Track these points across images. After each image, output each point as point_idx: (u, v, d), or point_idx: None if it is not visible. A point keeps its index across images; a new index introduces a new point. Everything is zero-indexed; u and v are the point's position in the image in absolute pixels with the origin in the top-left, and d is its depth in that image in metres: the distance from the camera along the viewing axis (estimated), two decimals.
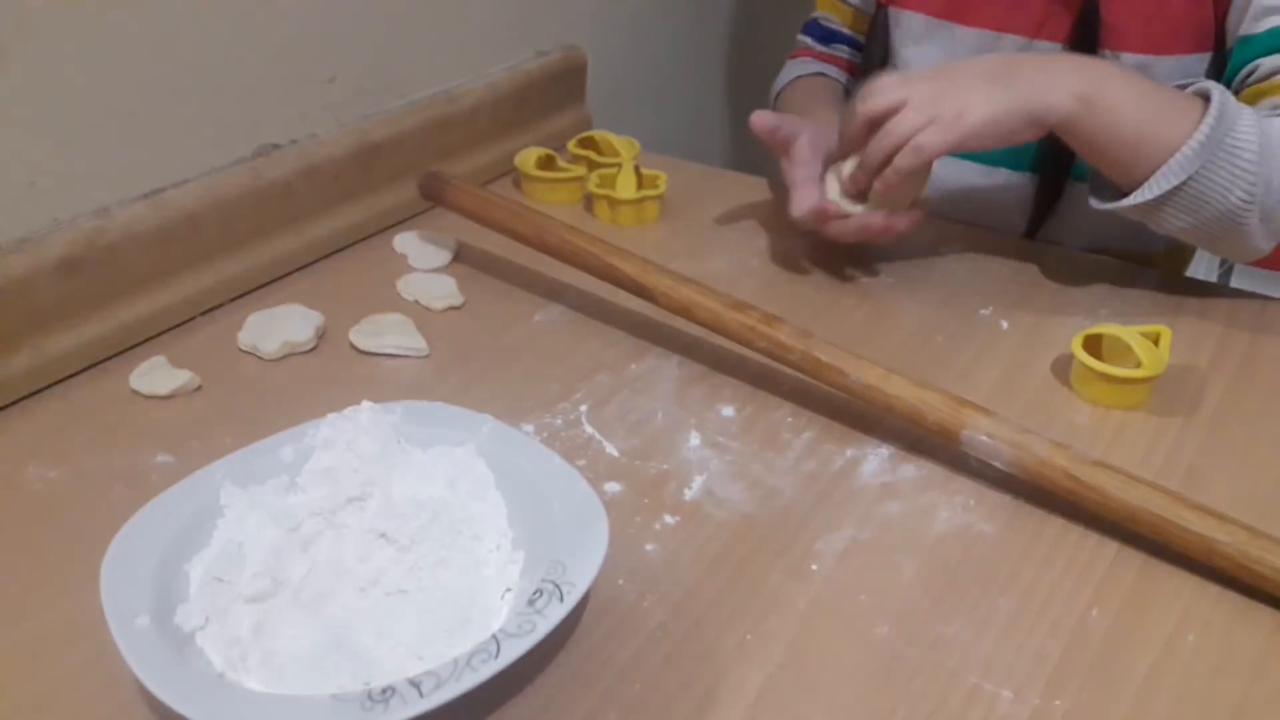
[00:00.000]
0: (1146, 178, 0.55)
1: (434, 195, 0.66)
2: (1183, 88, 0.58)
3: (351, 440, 0.43)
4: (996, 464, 0.45)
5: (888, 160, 0.56)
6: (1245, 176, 0.54)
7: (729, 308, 0.52)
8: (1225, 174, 0.55)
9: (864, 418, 0.50)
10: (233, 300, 0.61)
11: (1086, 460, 0.43)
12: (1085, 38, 0.67)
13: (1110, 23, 0.65)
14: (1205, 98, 0.56)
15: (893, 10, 0.75)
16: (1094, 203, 0.59)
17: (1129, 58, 0.66)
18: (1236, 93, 0.64)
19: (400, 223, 0.71)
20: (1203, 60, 0.66)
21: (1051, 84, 0.56)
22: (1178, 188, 0.55)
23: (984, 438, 0.45)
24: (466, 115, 0.76)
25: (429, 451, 0.43)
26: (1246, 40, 0.63)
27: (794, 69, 0.84)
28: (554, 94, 0.84)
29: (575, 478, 0.40)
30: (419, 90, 0.73)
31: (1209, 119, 0.54)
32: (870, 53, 0.78)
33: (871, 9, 0.79)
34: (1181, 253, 0.80)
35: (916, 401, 0.46)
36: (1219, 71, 0.66)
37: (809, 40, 0.85)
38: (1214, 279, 0.95)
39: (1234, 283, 0.97)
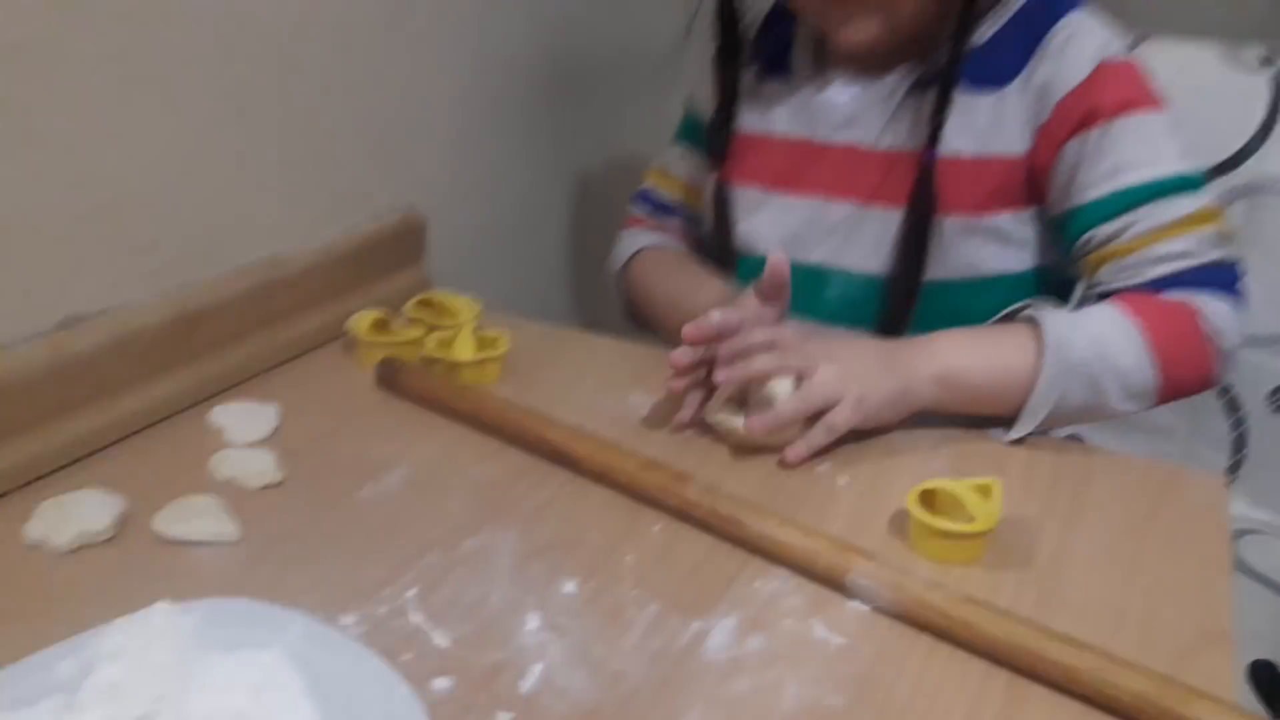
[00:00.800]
0: (1017, 411, 0.62)
1: (389, 383, 0.68)
2: (1012, 315, 0.65)
3: (142, 649, 0.38)
4: (876, 604, 0.47)
5: (798, 415, 0.59)
6: (1095, 381, 0.62)
7: (642, 469, 0.55)
8: (1080, 384, 0.62)
9: (708, 587, 0.49)
10: (22, 487, 0.55)
11: (958, 597, 0.45)
12: (919, 203, 0.69)
13: (941, 188, 0.68)
14: (1032, 321, 0.63)
15: (726, 184, 0.77)
16: (993, 433, 0.64)
17: (956, 220, 0.69)
18: (1076, 260, 0.69)
19: (218, 394, 0.67)
20: (1026, 212, 0.70)
21: (913, 374, 0.62)
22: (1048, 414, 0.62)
23: (865, 580, 0.47)
24: (296, 279, 0.73)
25: (232, 657, 0.39)
26: (1080, 210, 0.67)
27: (634, 239, 0.85)
28: (391, 255, 0.83)
29: (395, 681, 0.36)
30: (246, 255, 0.70)
31: (1047, 360, 0.61)
32: (707, 223, 0.81)
33: (701, 181, 0.81)
34: None
35: (808, 548, 0.49)
36: (1042, 220, 0.70)
37: (642, 210, 0.87)
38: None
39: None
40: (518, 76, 0.97)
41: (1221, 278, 0.65)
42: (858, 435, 0.63)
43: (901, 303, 0.71)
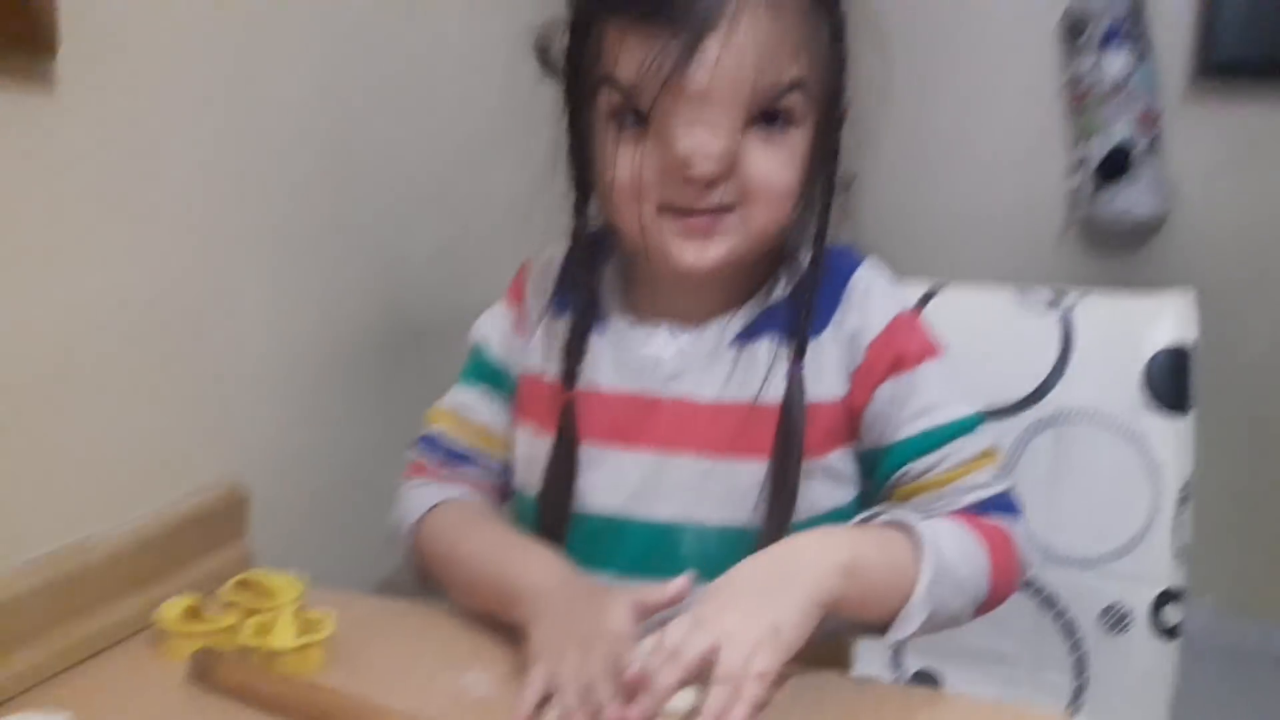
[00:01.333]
0: (895, 614, 0.62)
1: (203, 677, 0.62)
2: (868, 519, 0.67)
3: None
4: None
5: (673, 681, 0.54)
6: (960, 585, 0.65)
7: None
8: (950, 589, 0.64)
9: None
10: None
11: None
12: (784, 451, 0.69)
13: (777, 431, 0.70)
14: (900, 526, 0.65)
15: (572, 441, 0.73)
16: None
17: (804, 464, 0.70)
18: (889, 491, 0.72)
19: (6, 702, 0.60)
20: (848, 449, 0.73)
21: (818, 569, 0.60)
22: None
23: None
24: (104, 566, 0.68)
25: None
26: (896, 446, 0.71)
27: (425, 492, 0.78)
28: (210, 533, 0.78)
29: None
30: (44, 544, 0.65)
31: (926, 558, 0.63)
32: (526, 479, 0.76)
33: (502, 428, 0.78)
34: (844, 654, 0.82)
35: None
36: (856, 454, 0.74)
37: (429, 458, 0.80)
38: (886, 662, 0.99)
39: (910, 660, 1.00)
40: (351, 341, 0.97)
41: (1014, 505, 0.72)
42: None
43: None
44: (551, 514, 0.74)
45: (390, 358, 1.03)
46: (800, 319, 0.70)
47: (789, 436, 0.69)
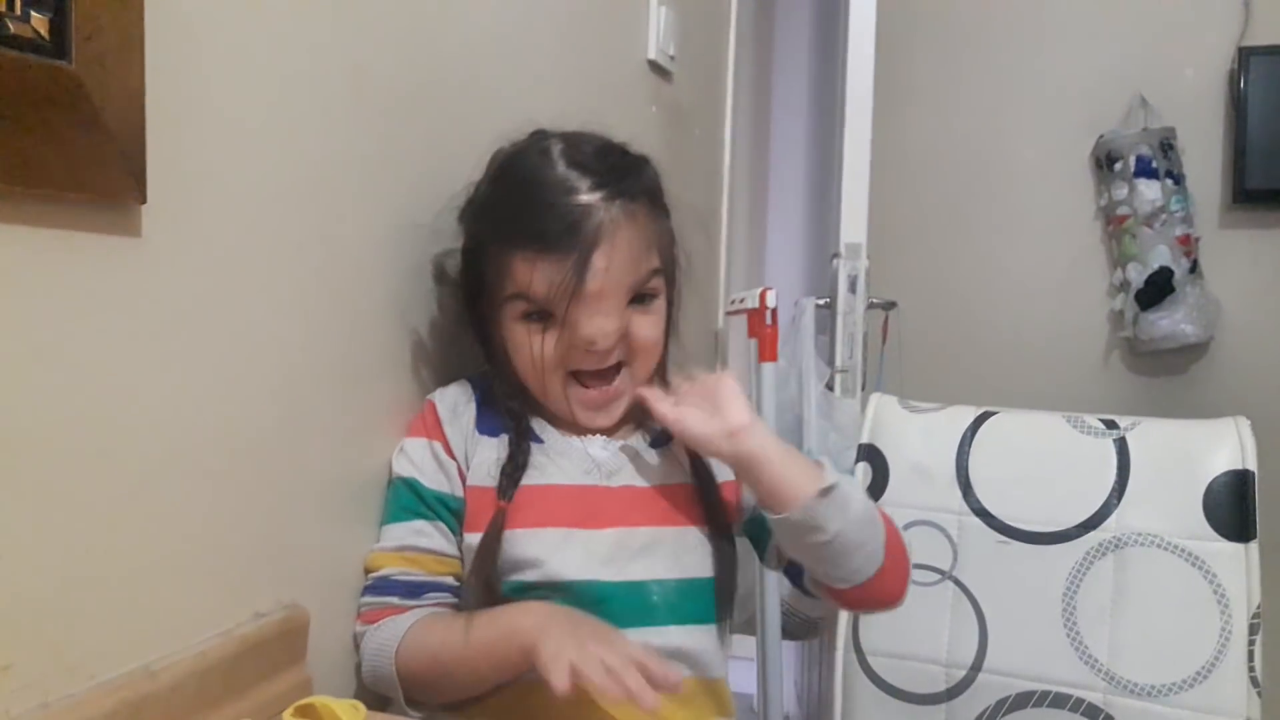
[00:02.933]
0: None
1: None
2: None
3: None
4: None
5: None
6: (864, 522, 0.82)
7: None
8: (856, 519, 0.82)
9: None
10: None
11: None
12: (710, 517, 0.91)
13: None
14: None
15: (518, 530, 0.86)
16: (770, 516, 0.82)
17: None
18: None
19: None
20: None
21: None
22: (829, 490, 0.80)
23: None
24: (167, 691, 0.68)
25: None
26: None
27: (390, 629, 0.85)
28: (271, 658, 0.78)
29: None
30: (111, 668, 0.65)
31: (838, 481, 0.81)
32: (483, 576, 0.86)
33: (449, 548, 0.89)
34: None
35: None
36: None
37: (386, 601, 0.87)
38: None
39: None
40: None
41: None
42: None
43: (727, 589, 0.90)
44: (483, 578, 0.85)
45: None
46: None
47: (715, 506, 0.91)
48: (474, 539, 0.87)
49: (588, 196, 0.84)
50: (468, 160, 0.94)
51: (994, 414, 1.18)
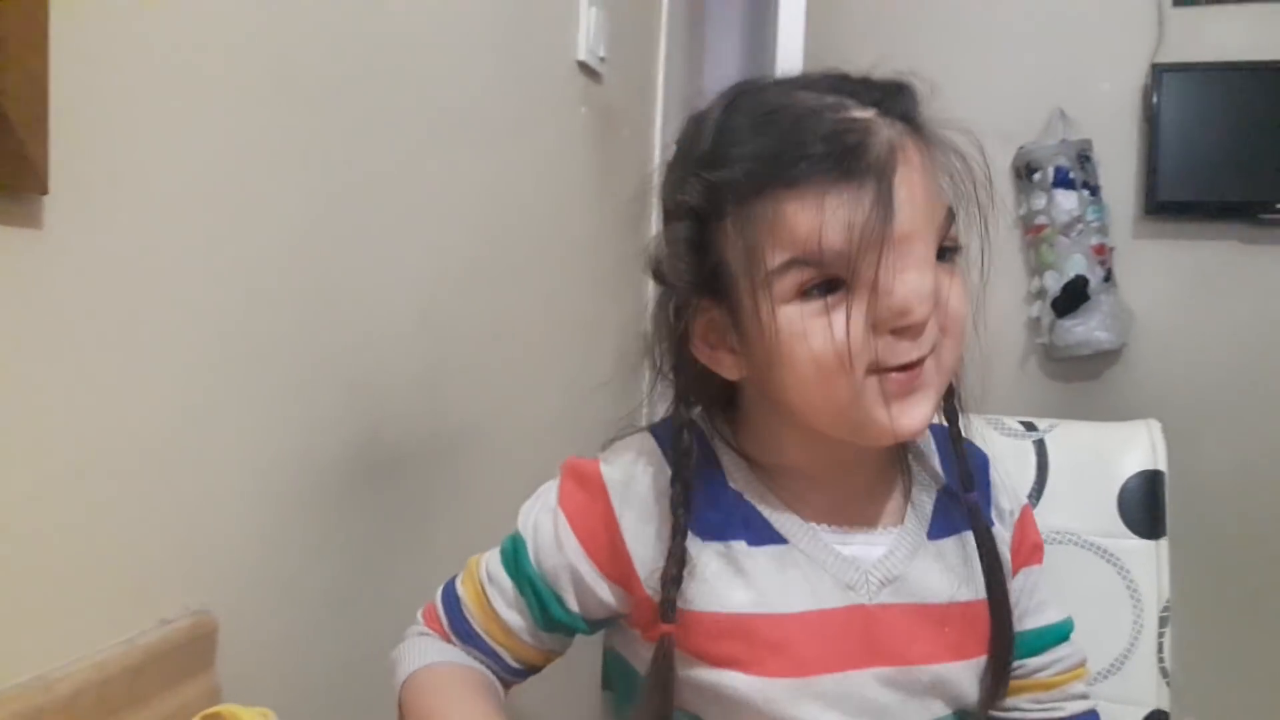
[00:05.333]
0: None
1: None
2: None
3: None
4: None
5: None
6: None
7: None
8: None
9: None
10: None
11: None
12: (1000, 647, 0.69)
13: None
14: None
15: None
16: None
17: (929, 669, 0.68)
18: None
19: None
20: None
21: None
22: None
23: None
24: (66, 703, 0.65)
25: None
26: (1018, 636, 0.71)
27: (424, 649, 0.74)
28: (177, 666, 0.75)
29: None
30: (3, 680, 0.62)
31: None
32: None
33: (526, 633, 0.72)
34: None
35: None
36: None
37: (443, 617, 0.76)
38: None
39: None
40: (327, 468, 0.96)
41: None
42: None
43: None
44: None
45: (367, 486, 1.01)
46: (976, 511, 0.70)
47: (1007, 632, 0.68)
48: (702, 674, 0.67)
49: (862, 113, 0.60)
50: (394, 156, 0.93)
51: None
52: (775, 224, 0.59)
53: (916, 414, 0.61)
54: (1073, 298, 2.10)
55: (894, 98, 0.62)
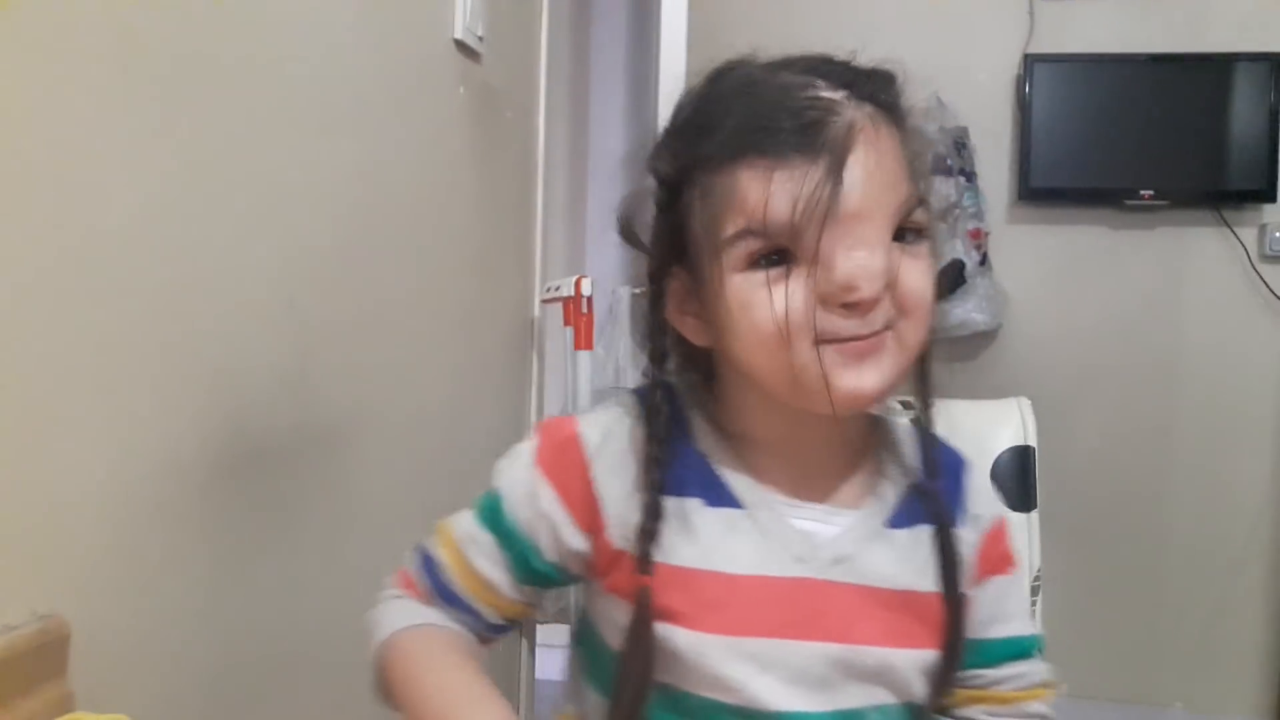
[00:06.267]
0: None
1: None
2: None
3: None
4: None
5: None
6: None
7: None
8: None
9: None
10: None
11: None
12: (951, 641, 0.70)
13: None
14: None
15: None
16: None
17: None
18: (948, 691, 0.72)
19: None
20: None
21: None
22: None
23: None
24: None
25: None
26: (975, 645, 0.71)
27: (401, 610, 0.74)
28: (24, 673, 0.70)
29: None
30: None
31: None
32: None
33: (506, 587, 0.73)
34: None
35: None
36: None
37: (419, 578, 0.75)
38: None
39: None
40: (185, 462, 0.91)
41: None
42: None
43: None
44: (629, 694, 0.68)
45: (228, 481, 0.97)
46: (936, 497, 0.71)
47: (957, 627, 0.69)
48: (608, 601, 0.70)
49: (830, 93, 0.62)
50: (250, 136, 0.88)
51: None
52: (732, 194, 0.62)
53: (863, 379, 0.62)
54: (950, 281, 2.17)
55: (866, 81, 0.64)
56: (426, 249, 1.30)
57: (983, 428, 1.06)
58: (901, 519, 0.70)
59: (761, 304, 0.61)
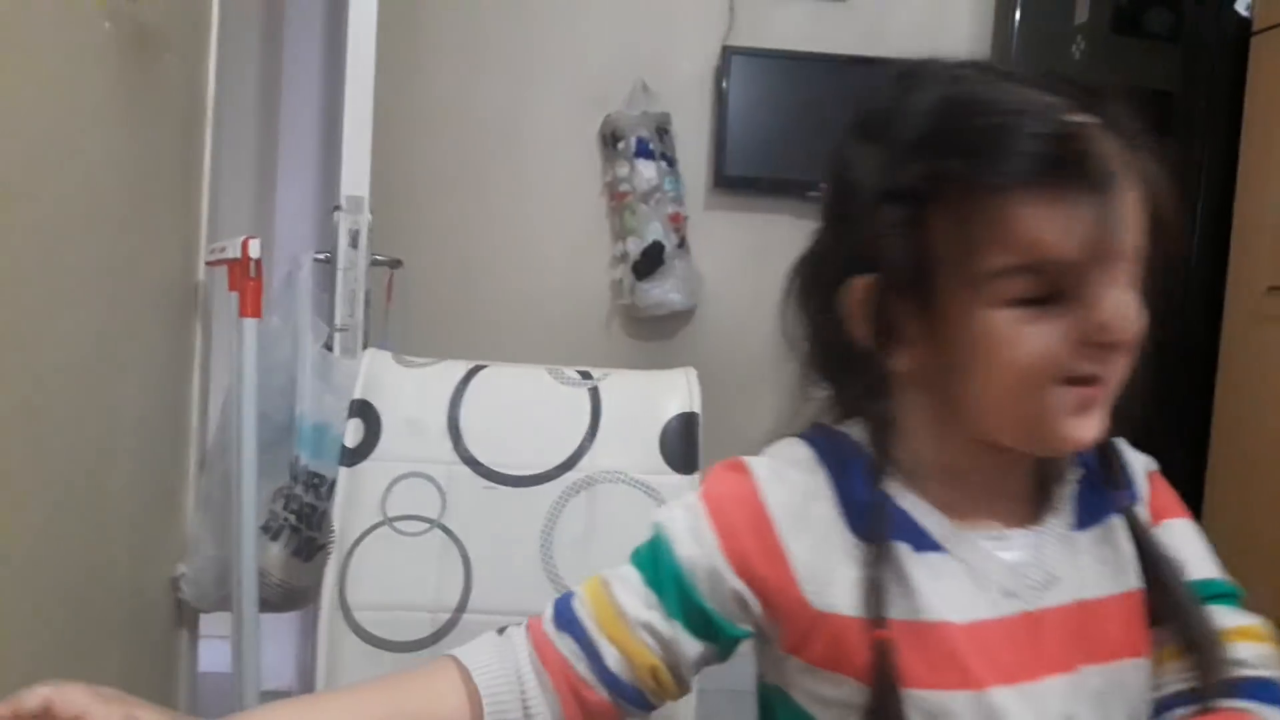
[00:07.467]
0: None
1: None
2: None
3: None
4: None
5: None
6: None
7: None
8: None
9: None
10: None
11: None
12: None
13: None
14: None
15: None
16: None
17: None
18: None
19: None
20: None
21: None
22: None
23: None
24: None
25: None
26: None
27: (472, 644, 0.68)
28: None
29: None
30: None
31: None
32: None
33: (672, 642, 0.65)
34: None
35: None
36: None
37: (546, 609, 0.68)
38: None
39: None
40: None
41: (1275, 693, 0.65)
42: None
43: None
44: None
45: None
46: (1123, 494, 0.67)
47: (1182, 607, 0.64)
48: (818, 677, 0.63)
49: (1082, 117, 0.58)
50: None
51: (484, 368, 1.21)
52: (998, 224, 0.57)
53: (1094, 427, 0.60)
54: (651, 262, 2.23)
55: (1107, 105, 0.60)
56: (58, 199, 1.14)
57: (655, 395, 1.10)
58: (1085, 519, 0.67)
59: (1019, 342, 0.58)
